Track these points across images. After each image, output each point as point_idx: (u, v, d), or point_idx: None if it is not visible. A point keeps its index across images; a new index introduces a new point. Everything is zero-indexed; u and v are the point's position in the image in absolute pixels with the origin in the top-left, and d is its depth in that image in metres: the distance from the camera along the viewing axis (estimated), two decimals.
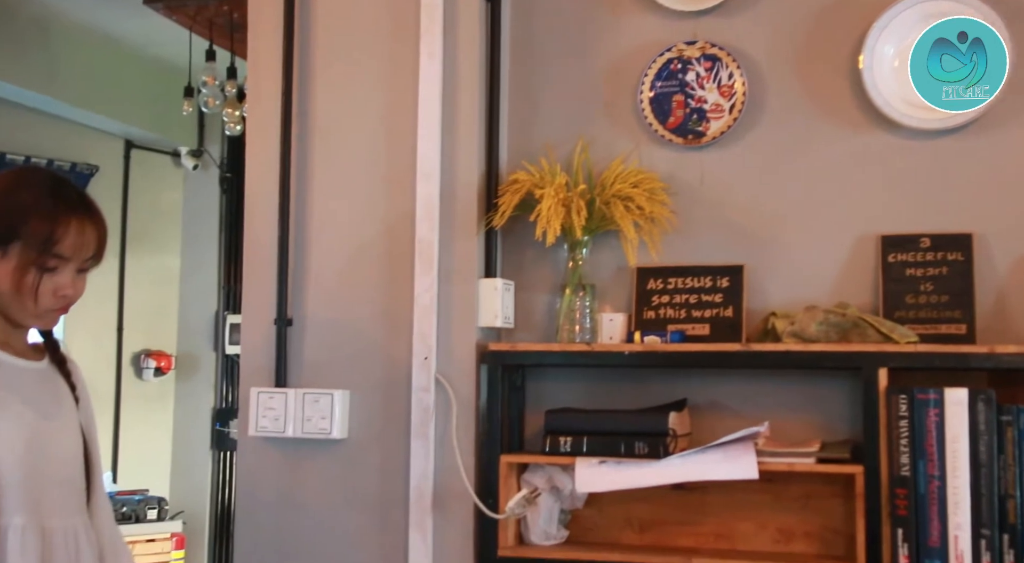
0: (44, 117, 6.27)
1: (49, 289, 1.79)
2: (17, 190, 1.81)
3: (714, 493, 2.26)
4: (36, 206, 1.79)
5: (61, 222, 1.78)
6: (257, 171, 2.54)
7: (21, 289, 1.77)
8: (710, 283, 2.33)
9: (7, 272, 1.77)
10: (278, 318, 2.47)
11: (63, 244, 1.78)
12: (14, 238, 1.77)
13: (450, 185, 2.40)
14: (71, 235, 1.79)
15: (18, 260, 1.77)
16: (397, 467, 2.37)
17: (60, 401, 1.86)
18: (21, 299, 1.78)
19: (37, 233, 1.77)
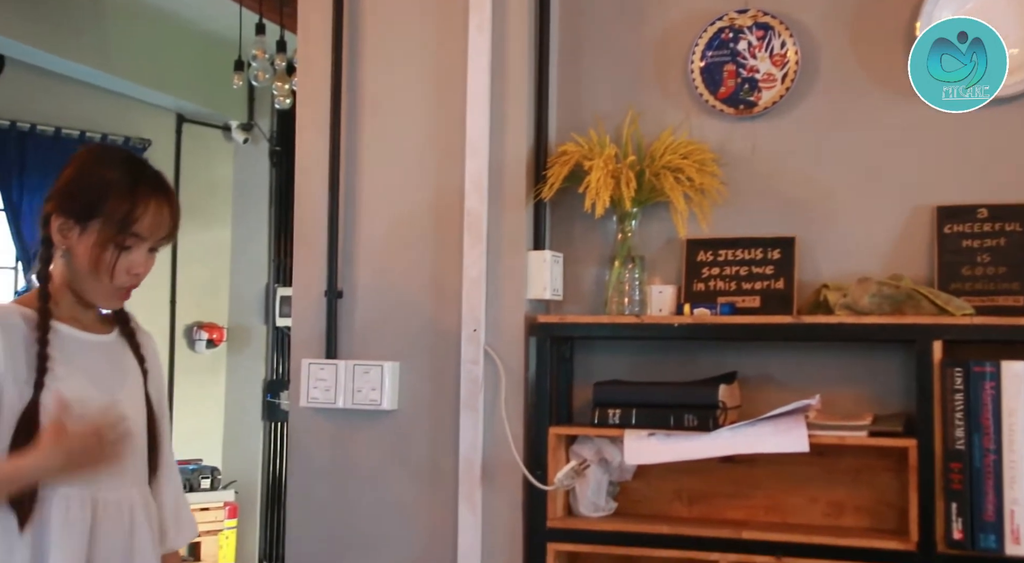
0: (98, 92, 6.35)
1: (124, 266, 1.82)
2: (98, 168, 1.84)
3: (764, 466, 2.25)
4: (116, 185, 1.81)
5: (140, 202, 1.81)
6: (307, 144, 2.56)
7: (98, 266, 1.80)
8: (761, 255, 2.31)
9: (86, 248, 1.80)
10: (328, 290, 2.49)
11: (140, 223, 1.81)
12: (94, 215, 1.80)
13: (499, 157, 2.40)
14: (149, 215, 1.82)
15: (97, 237, 1.79)
16: (446, 438, 2.38)
17: (125, 374, 1.89)
18: (97, 275, 1.81)
19: (116, 211, 1.79)
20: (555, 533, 2.26)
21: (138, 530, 1.84)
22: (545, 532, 2.26)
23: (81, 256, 1.80)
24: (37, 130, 6.18)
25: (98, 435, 1.71)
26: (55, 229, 1.82)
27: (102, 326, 1.91)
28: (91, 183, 1.82)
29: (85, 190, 1.81)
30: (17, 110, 6.18)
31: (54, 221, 1.82)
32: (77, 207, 1.81)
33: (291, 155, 2.66)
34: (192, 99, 6.62)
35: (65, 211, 1.81)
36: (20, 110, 6.19)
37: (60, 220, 1.81)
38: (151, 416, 1.91)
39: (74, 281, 1.83)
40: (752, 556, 2.12)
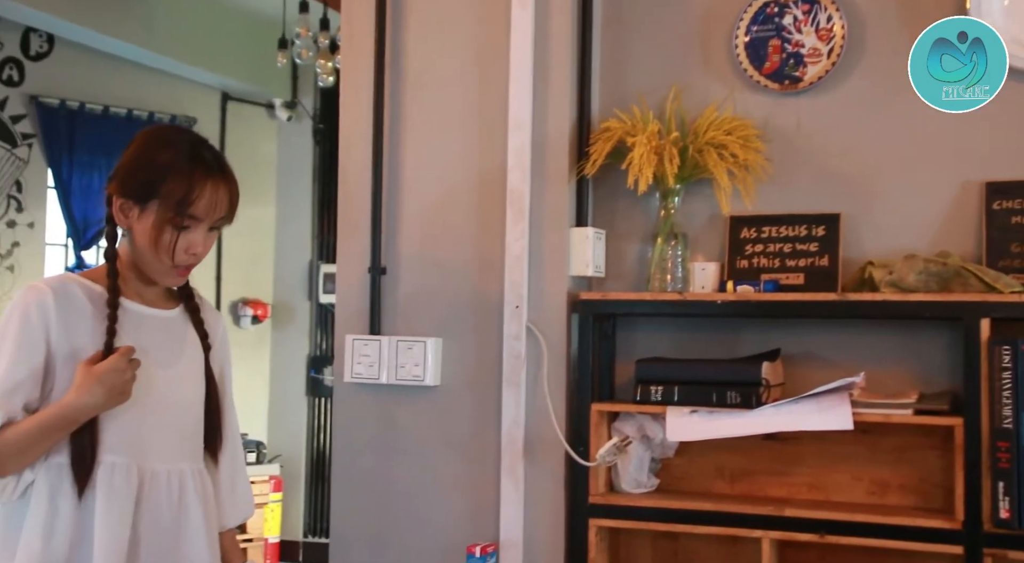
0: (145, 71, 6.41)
1: (182, 246, 1.84)
2: (158, 149, 1.86)
3: (807, 444, 2.24)
4: (174, 166, 1.83)
5: (196, 184, 1.82)
6: (351, 121, 2.57)
7: (157, 245, 1.82)
8: (805, 232, 2.29)
9: (145, 228, 1.82)
10: (372, 267, 2.50)
11: (197, 205, 1.82)
12: (152, 196, 1.82)
13: (541, 134, 2.39)
14: (205, 197, 1.83)
15: (156, 217, 1.82)
16: (489, 414, 2.40)
17: (184, 349, 1.91)
18: (156, 254, 1.83)
19: (173, 193, 1.81)
20: (597, 509, 2.27)
21: (188, 504, 1.85)
22: (587, 508, 2.27)
23: (141, 236, 1.83)
24: (86, 109, 6.27)
25: (125, 359, 1.76)
26: (116, 209, 1.85)
27: (166, 302, 1.93)
28: (150, 164, 1.84)
29: (144, 171, 1.83)
30: (66, 89, 6.26)
31: (115, 201, 1.85)
32: (136, 188, 1.83)
33: (334, 133, 2.67)
34: (237, 77, 6.67)
35: (125, 192, 1.83)
36: (69, 89, 6.27)
37: (121, 200, 1.84)
38: (211, 391, 1.93)
39: (136, 258, 1.86)
40: (795, 533, 2.12)
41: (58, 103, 6.24)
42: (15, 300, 1.80)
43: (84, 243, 6.60)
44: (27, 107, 6.24)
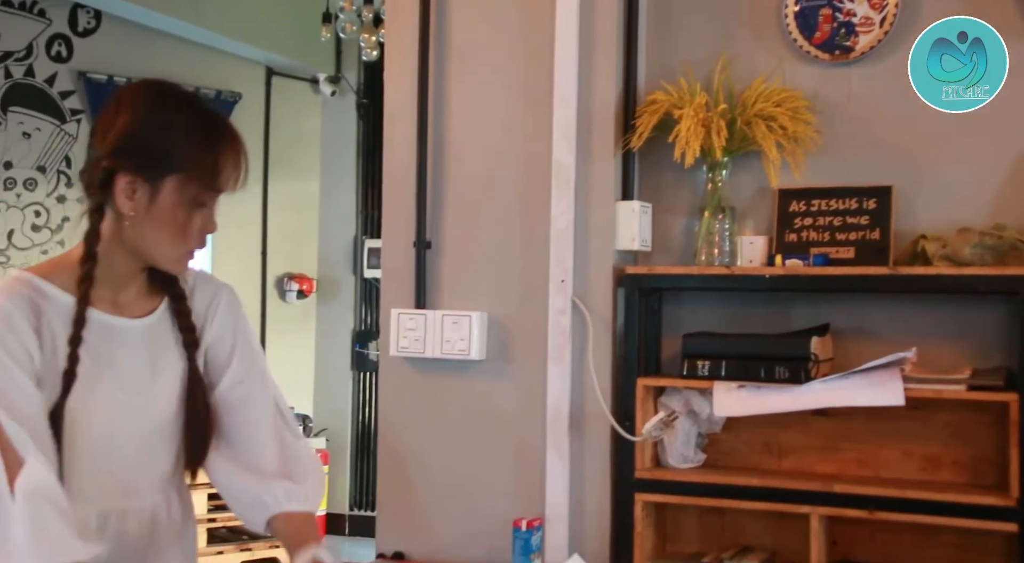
0: (191, 46, 6.44)
1: (198, 226, 1.54)
2: (167, 114, 1.53)
3: (857, 420, 2.21)
4: (195, 134, 1.52)
5: (221, 152, 1.53)
6: (395, 95, 2.56)
7: (178, 229, 1.52)
8: (856, 205, 2.26)
9: (161, 210, 1.50)
10: (417, 241, 2.50)
11: (223, 176, 1.53)
12: (173, 170, 1.50)
13: (587, 106, 2.37)
14: (230, 165, 1.54)
15: (173, 196, 1.50)
16: (534, 389, 2.39)
17: (161, 363, 1.61)
18: (173, 240, 1.53)
19: (199, 165, 1.50)
20: (643, 483, 2.26)
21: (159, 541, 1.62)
22: (633, 482, 2.27)
23: (154, 219, 1.50)
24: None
25: None
26: (119, 190, 1.49)
27: (145, 301, 1.61)
28: (161, 132, 1.50)
29: (155, 141, 1.50)
30: (113, 65, 6.31)
31: (119, 181, 1.49)
32: (147, 162, 1.49)
33: (378, 107, 2.67)
34: (281, 52, 6.68)
35: (131, 168, 1.49)
36: (116, 65, 6.32)
37: (127, 178, 1.49)
38: (196, 393, 1.63)
39: (137, 247, 1.53)
40: (844, 510, 2.10)
41: (106, 79, 6.29)
42: None
43: None
44: (75, 83, 6.30)
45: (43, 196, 6.30)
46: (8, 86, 6.17)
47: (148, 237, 1.53)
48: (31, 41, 6.25)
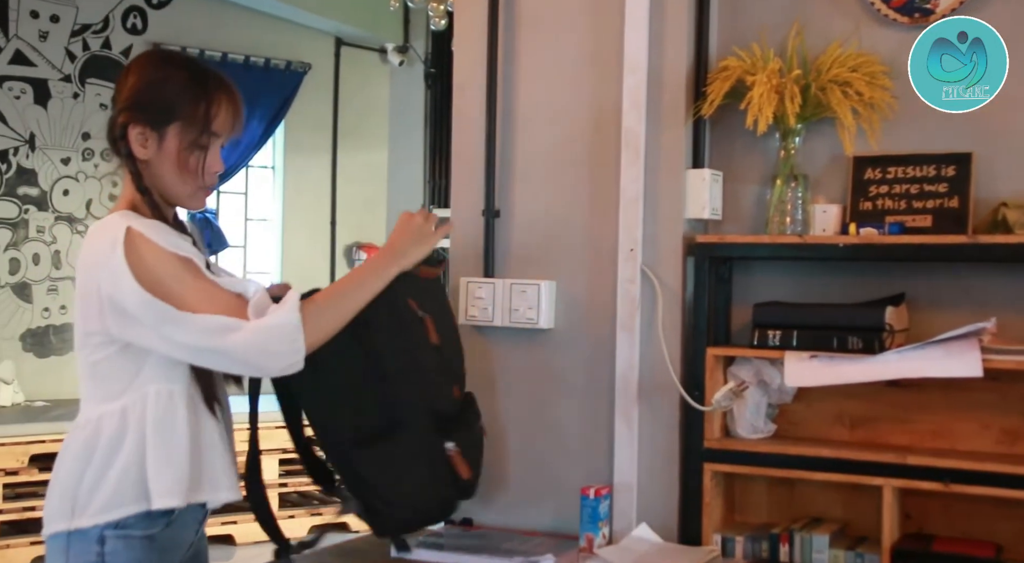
0: (261, 17, 6.51)
1: (203, 166, 1.85)
2: (164, 72, 1.84)
3: (932, 391, 2.18)
4: (187, 85, 1.82)
5: (213, 99, 1.83)
6: (464, 64, 2.56)
7: (185, 169, 1.83)
8: (934, 172, 2.20)
9: (169, 153, 1.82)
10: (486, 210, 2.51)
11: (217, 120, 1.84)
12: (173, 118, 1.81)
13: (658, 74, 2.35)
14: (223, 110, 1.84)
15: (176, 141, 1.81)
16: (603, 358, 2.39)
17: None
18: (183, 178, 1.84)
19: (193, 112, 1.81)
20: (712, 453, 2.25)
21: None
22: (702, 452, 2.26)
23: (164, 162, 1.82)
24: (205, 56, 6.40)
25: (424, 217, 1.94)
26: (133, 140, 1.82)
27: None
28: (161, 88, 1.82)
29: (157, 95, 1.82)
30: (187, 36, 6.40)
31: (132, 131, 1.82)
32: (152, 114, 1.81)
33: (445, 77, 2.68)
34: (350, 22, 6.72)
35: (140, 120, 1.81)
36: (190, 36, 6.41)
37: (137, 129, 1.82)
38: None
39: (158, 187, 1.85)
40: (918, 482, 2.07)
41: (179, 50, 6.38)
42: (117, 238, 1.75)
43: None
44: None
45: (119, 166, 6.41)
46: (86, 58, 6.30)
47: (163, 177, 1.84)
48: (107, 13, 6.36)
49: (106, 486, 1.78)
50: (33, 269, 6.17)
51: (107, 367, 1.81)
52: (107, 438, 1.80)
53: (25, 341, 6.12)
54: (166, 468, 1.78)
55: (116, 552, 1.79)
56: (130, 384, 1.80)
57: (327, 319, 1.80)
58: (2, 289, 6.08)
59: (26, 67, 6.06)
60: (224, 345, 1.72)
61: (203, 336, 1.72)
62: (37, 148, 6.12)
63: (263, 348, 1.74)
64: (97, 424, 1.81)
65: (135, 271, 1.72)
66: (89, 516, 1.79)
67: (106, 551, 1.78)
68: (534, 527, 2.41)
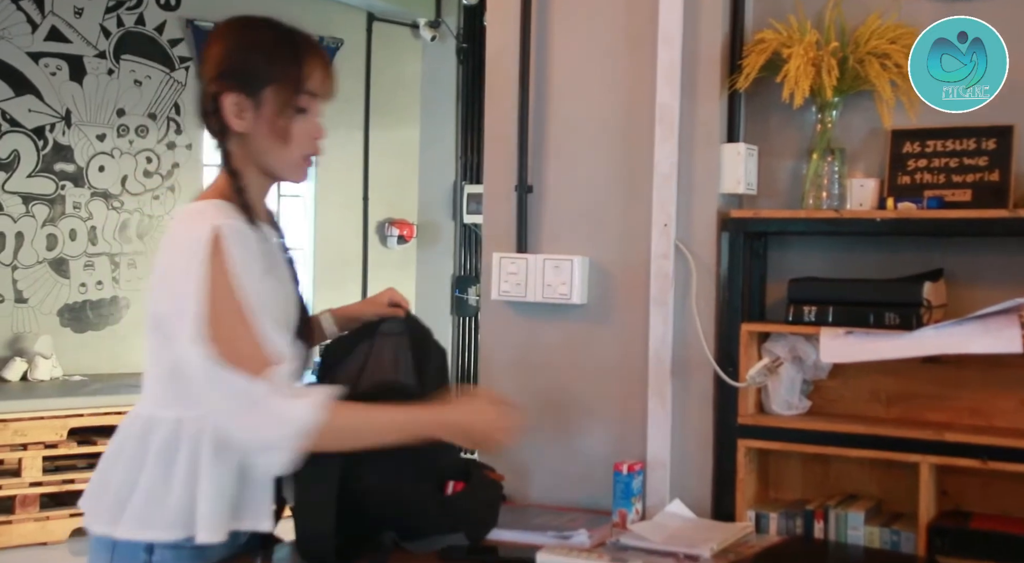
0: None
1: (305, 131, 1.74)
2: (251, 35, 1.76)
3: (970, 368, 2.15)
4: (278, 46, 1.73)
5: (305, 59, 1.73)
6: (497, 37, 2.54)
7: (282, 134, 1.72)
8: (974, 145, 2.17)
9: (266, 120, 1.71)
10: (519, 185, 2.50)
11: (312, 80, 1.73)
12: (267, 81, 1.71)
13: (692, 47, 2.32)
14: (317, 70, 1.74)
15: (273, 105, 1.71)
16: (636, 333, 2.38)
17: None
18: (283, 144, 1.73)
19: (287, 73, 1.71)
20: (746, 430, 2.24)
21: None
22: (736, 428, 2.25)
23: (263, 131, 1.72)
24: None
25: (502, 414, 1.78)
26: (228, 110, 1.71)
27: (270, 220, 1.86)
28: (250, 50, 1.73)
29: (246, 59, 1.72)
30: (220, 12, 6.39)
31: (225, 101, 1.71)
32: (244, 78, 1.71)
33: (478, 52, 2.67)
34: None
35: (233, 87, 1.70)
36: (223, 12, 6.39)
37: (233, 97, 1.71)
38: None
39: (258, 161, 1.75)
40: (956, 459, 2.05)
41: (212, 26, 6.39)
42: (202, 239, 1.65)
43: None
44: (183, 31, 6.42)
45: (154, 143, 6.47)
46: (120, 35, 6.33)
47: (264, 148, 1.73)
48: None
49: (155, 503, 1.71)
50: (70, 245, 6.23)
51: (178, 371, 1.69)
52: (160, 447, 1.72)
53: (63, 316, 6.19)
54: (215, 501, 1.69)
55: (165, 561, 1.74)
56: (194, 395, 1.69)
57: (342, 440, 1.70)
58: (40, 265, 6.14)
59: (62, 43, 6.10)
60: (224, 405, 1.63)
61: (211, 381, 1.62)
62: (73, 124, 6.17)
63: (259, 433, 1.64)
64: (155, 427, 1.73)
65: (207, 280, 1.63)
66: (135, 529, 1.72)
67: (154, 560, 1.74)
68: (567, 503, 2.41)
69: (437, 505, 1.92)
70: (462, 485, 1.96)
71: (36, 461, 5.24)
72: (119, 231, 6.34)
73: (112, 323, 6.27)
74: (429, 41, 6.86)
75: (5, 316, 6.01)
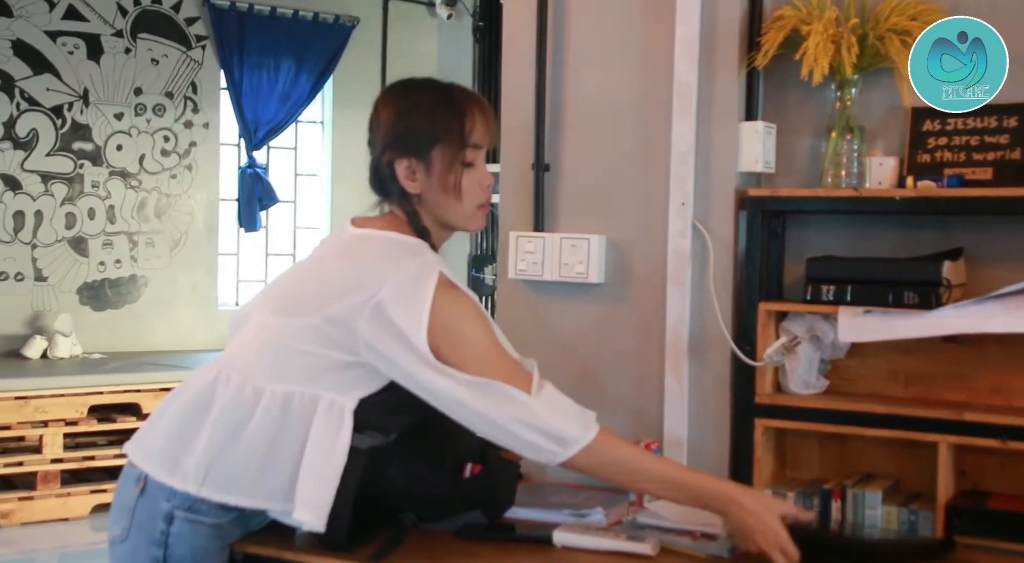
0: None
1: (474, 183, 1.85)
2: (414, 99, 1.85)
3: (990, 347, 2.14)
4: (439, 106, 1.83)
5: (466, 112, 1.84)
6: (514, 16, 2.53)
7: (457, 190, 1.83)
8: (995, 123, 2.15)
9: (436, 178, 1.82)
10: (535, 164, 2.49)
11: (475, 132, 1.84)
12: (434, 142, 1.82)
13: (710, 24, 2.30)
14: (478, 122, 1.85)
15: (444, 161, 1.82)
16: (653, 312, 2.38)
17: None
18: (460, 199, 1.84)
19: (451, 130, 1.82)
20: (763, 409, 2.24)
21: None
22: (753, 408, 2.24)
23: (436, 187, 1.83)
24: (255, 10, 6.41)
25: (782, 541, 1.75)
26: (402, 174, 1.84)
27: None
28: (416, 115, 1.83)
29: (414, 124, 1.83)
30: None
31: (399, 167, 1.83)
32: (414, 143, 1.82)
33: (494, 31, 2.66)
34: None
35: (404, 152, 1.83)
36: None
37: (405, 162, 1.83)
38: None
39: (437, 217, 1.87)
40: (975, 439, 2.04)
41: (229, 4, 6.39)
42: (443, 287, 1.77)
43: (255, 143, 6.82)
44: (200, 9, 6.42)
45: (171, 121, 6.48)
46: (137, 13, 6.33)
47: (440, 205, 1.85)
48: None
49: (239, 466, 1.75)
50: (88, 223, 6.26)
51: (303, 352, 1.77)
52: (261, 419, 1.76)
53: (82, 294, 6.23)
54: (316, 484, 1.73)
55: (181, 535, 1.76)
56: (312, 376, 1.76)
57: (604, 470, 1.83)
58: (59, 243, 6.18)
59: (79, 22, 6.11)
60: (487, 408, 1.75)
61: (469, 394, 1.74)
62: (91, 103, 6.18)
63: (533, 428, 1.77)
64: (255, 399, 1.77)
65: (435, 312, 1.74)
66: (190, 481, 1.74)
67: (171, 531, 1.76)
68: (584, 481, 2.42)
69: (455, 489, 1.94)
70: (479, 467, 1.97)
71: (57, 438, 5.29)
72: (137, 210, 6.37)
73: (130, 301, 6.31)
74: (445, 19, 6.83)
75: (25, 294, 6.06)
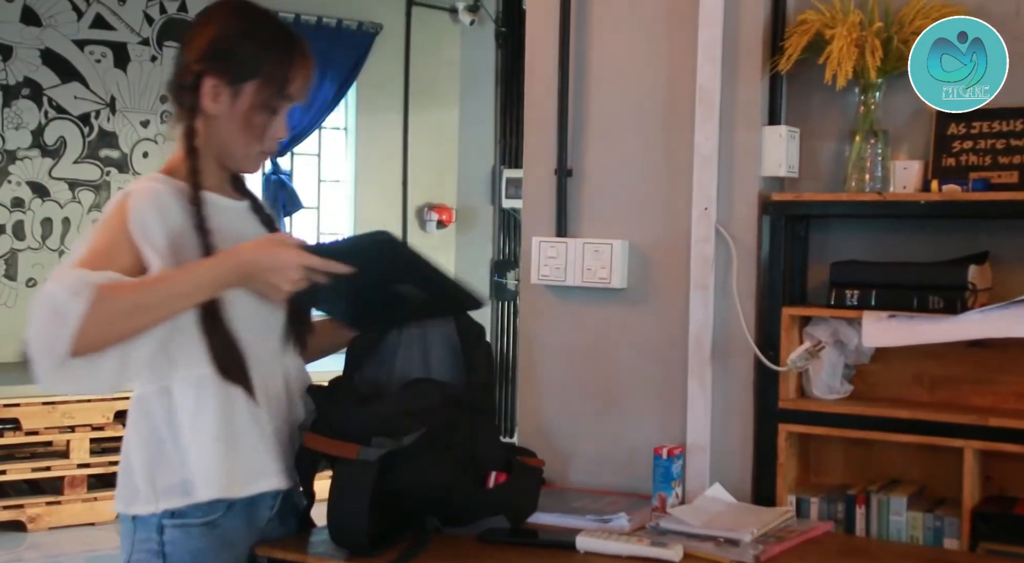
0: None
1: (271, 131, 1.76)
2: (251, 26, 1.76)
3: (1016, 351, 2.12)
4: (275, 45, 1.74)
5: (296, 62, 1.76)
6: (537, 20, 2.54)
7: (249, 130, 1.74)
8: (1021, 126, 2.13)
9: (237, 112, 1.73)
10: (559, 168, 2.49)
11: (294, 84, 1.76)
12: (253, 76, 1.72)
13: (733, 28, 2.30)
14: (301, 76, 1.77)
15: (251, 100, 1.72)
16: (676, 317, 2.37)
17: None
18: (246, 140, 1.74)
19: (275, 73, 1.73)
20: (787, 414, 2.23)
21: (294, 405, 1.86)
22: (777, 413, 2.24)
23: (230, 120, 1.73)
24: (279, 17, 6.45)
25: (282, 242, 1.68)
26: (206, 92, 1.72)
27: (235, 192, 1.85)
28: (246, 41, 1.74)
29: (241, 49, 1.73)
30: None
31: (206, 83, 1.72)
32: (232, 68, 1.72)
33: (517, 36, 2.66)
34: None
35: (218, 72, 1.72)
36: None
37: (212, 81, 1.72)
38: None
39: (217, 145, 1.76)
40: (1000, 444, 2.02)
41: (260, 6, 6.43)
42: (107, 207, 1.71)
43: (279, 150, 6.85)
44: None
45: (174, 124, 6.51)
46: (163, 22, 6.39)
47: (227, 136, 1.74)
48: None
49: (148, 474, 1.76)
50: None
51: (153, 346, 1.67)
52: (146, 423, 1.75)
53: None
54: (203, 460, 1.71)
55: (175, 542, 1.76)
56: (168, 365, 1.71)
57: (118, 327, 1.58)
58: None
59: (106, 31, 6.17)
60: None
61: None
62: (118, 111, 6.24)
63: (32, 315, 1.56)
64: (138, 405, 1.77)
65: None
66: (142, 503, 1.77)
67: (165, 540, 1.76)
68: (606, 487, 2.42)
69: (479, 499, 1.93)
70: (504, 476, 1.95)
71: (84, 443, 5.34)
72: None
73: None
74: (468, 25, 6.85)
75: None
